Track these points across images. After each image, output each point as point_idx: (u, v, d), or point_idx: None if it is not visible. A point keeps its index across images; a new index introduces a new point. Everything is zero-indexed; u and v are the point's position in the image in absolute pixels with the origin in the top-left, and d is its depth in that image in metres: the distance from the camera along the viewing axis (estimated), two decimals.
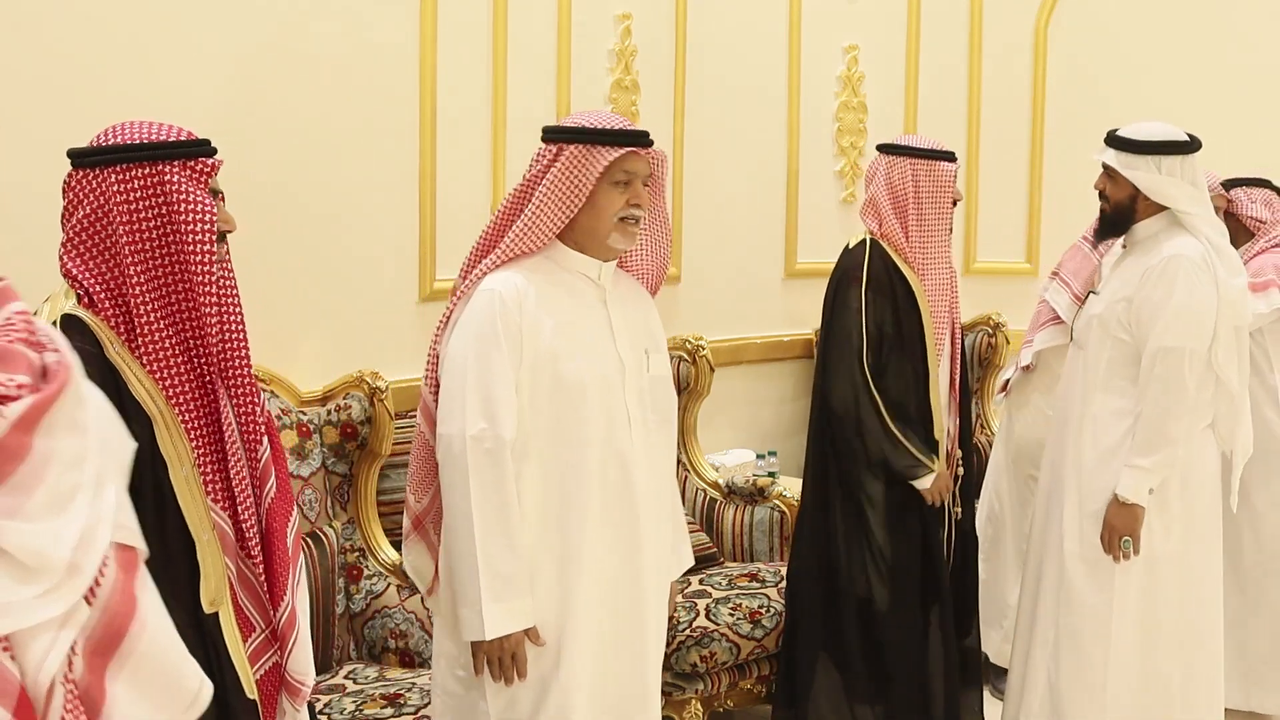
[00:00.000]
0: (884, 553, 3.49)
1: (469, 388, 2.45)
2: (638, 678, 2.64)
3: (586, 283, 2.61)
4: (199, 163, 1.97)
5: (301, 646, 2.07)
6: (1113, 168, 3.38)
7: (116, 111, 2.98)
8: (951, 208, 3.57)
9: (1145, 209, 3.39)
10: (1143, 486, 3.26)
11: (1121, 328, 3.34)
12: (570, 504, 2.52)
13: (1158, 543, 3.32)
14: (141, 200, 1.93)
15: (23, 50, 2.97)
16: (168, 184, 1.93)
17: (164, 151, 1.95)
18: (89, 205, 1.94)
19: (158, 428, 1.91)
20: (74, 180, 1.97)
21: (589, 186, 2.52)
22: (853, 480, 3.51)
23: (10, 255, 2.51)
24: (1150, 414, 3.24)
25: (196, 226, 1.93)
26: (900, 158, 3.51)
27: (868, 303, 3.46)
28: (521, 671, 2.47)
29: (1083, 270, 4.00)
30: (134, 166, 1.93)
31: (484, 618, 2.41)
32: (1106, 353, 3.37)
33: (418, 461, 2.62)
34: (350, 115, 3.58)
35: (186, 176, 1.95)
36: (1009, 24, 5.56)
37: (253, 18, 3.37)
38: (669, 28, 4.43)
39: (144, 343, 1.93)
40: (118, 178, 1.93)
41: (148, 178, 1.93)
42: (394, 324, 3.70)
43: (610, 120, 2.59)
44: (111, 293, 1.94)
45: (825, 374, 3.54)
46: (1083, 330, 3.48)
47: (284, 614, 2.04)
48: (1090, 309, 3.47)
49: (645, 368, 2.64)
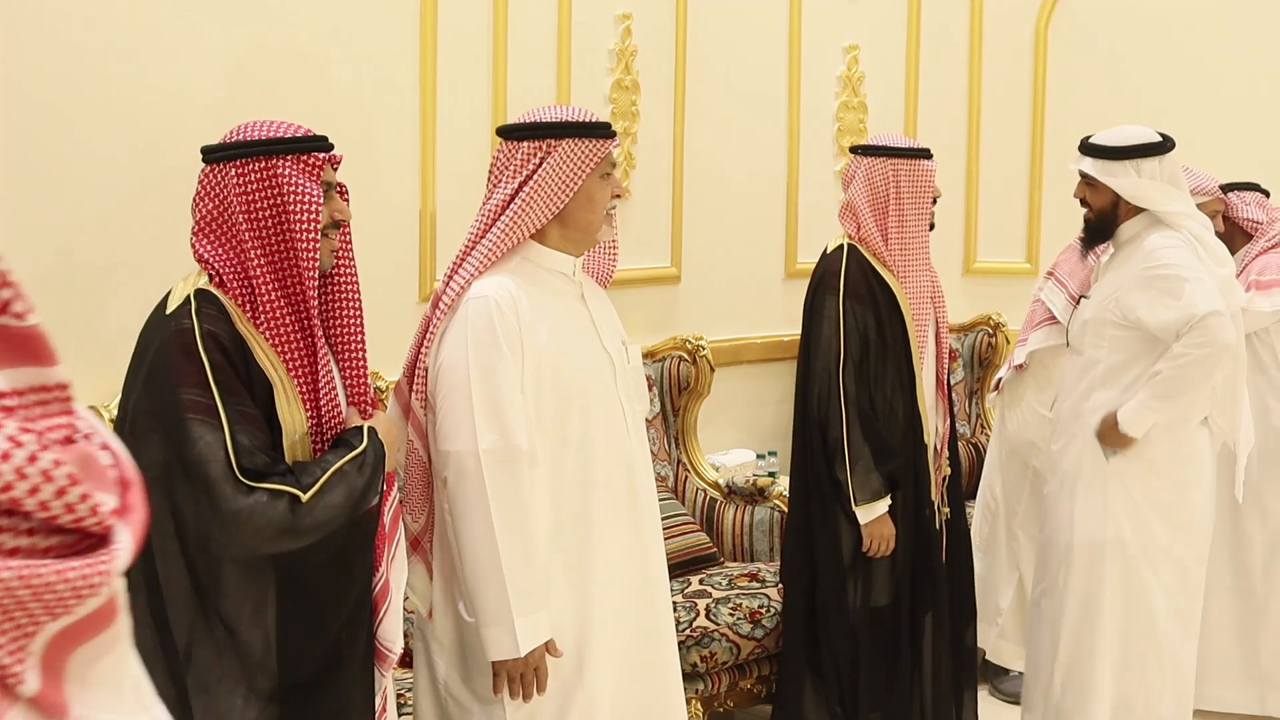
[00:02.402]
0: (854, 560, 3.47)
1: (475, 401, 2.37)
2: (659, 676, 2.62)
3: (564, 280, 2.58)
4: (311, 157, 2.12)
5: (393, 615, 2.21)
6: (1092, 176, 3.43)
7: (106, 104, 2.98)
8: (931, 205, 3.54)
9: (1127, 211, 3.43)
10: (1146, 423, 3.30)
11: (1115, 324, 3.37)
12: (581, 507, 2.49)
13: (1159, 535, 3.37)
14: (257, 191, 2.09)
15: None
16: (279, 176, 2.09)
17: (277, 147, 2.11)
18: (213, 197, 2.12)
19: (277, 394, 2.08)
20: (202, 175, 2.14)
21: (581, 180, 2.50)
22: (830, 486, 3.48)
23: None
24: (1179, 366, 3.23)
25: (303, 215, 2.09)
26: (880, 158, 3.47)
27: (847, 312, 3.40)
28: (542, 686, 2.41)
29: (1079, 271, 3.99)
30: (250, 161, 2.10)
31: (516, 633, 2.35)
32: (1104, 353, 3.40)
33: (412, 479, 2.51)
34: (350, 115, 3.57)
35: (298, 170, 2.11)
36: (1009, 24, 5.57)
37: (253, 17, 3.37)
38: (669, 28, 4.43)
39: (265, 318, 2.09)
40: (237, 171, 2.10)
41: (262, 171, 2.10)
42: (394, 324, 3.69)
43: (583, 113, 2.57)
44: (236, 273, 2.10)
45: (804, 381, 3.52)
46: (1078, 335, 3.52)
47: (379, 583, 2.18)
48: (1082, 314, 3.52)
49: (626, 360, 2.63)
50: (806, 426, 3.52)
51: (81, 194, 3.09)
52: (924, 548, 3.51)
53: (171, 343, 2.02)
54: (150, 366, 2.04)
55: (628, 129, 4.29)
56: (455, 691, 2.51)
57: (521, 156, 2.50)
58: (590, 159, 2.50)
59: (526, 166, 2.49)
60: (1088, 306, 3.49)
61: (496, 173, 2.54)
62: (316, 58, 3.52)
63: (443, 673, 2.52)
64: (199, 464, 1.96)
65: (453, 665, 2.51)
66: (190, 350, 2.00)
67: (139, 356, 2.10)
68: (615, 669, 2.53)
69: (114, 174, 3.14)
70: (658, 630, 2.62)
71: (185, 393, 1.98)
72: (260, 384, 2.06)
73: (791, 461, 3.63)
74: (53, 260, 3.03)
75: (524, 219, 2.49)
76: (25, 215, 3.00)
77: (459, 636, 2.49)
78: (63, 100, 3.05)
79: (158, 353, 2.04)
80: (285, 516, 1.98)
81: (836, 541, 3.46)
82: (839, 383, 3.39)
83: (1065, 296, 4.01)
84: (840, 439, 3.38)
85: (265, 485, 1.98)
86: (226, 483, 1.95)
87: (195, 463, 1.96)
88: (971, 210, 5.53)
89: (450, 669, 2.51)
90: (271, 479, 2.00)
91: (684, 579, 3.88)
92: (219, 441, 1.96)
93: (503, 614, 2.35)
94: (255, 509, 1.96)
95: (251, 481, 1.97)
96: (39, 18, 3.01)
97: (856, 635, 3.46)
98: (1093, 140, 3.46)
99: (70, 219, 3.07)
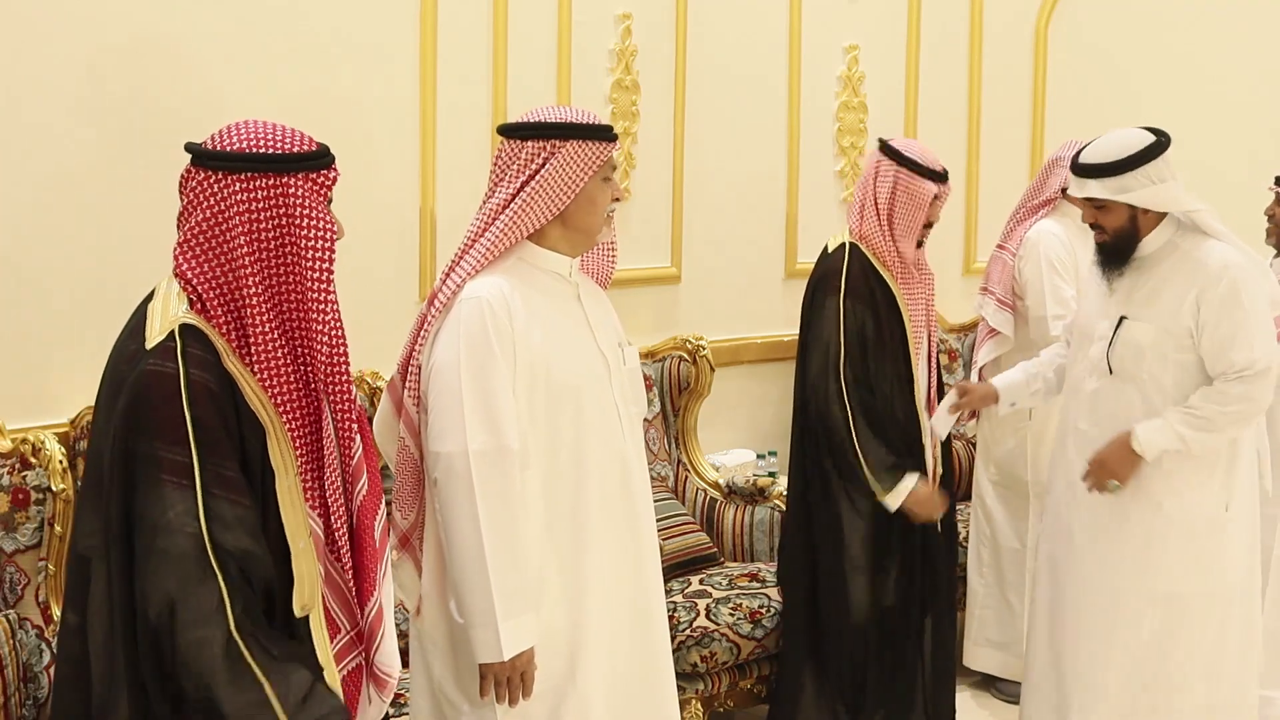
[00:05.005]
0: (861, 560, 3.47)
1: (466, 401, 2.37)
2: (653, 677, 2.62)
3: (560, 281, 2.57)
4: (321, 175, 1.95)
5: (388, 640, 2.08)
6: (1104, 199, 3.19)
7: (108, 104, 2.98)
8: (925, 228, 3.52)
9: (1149, 223, 3.23)
10: (1162, 449, 3.17)
11: (1182, 348, 3.18)
12: (574, 508, 2.49)
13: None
14: (264, 211, 1.90)
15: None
16: (290, 196, 1.91)
17: (291, 165, 1.92)
18: (209, 209, 1.91)
19: (270, 437, 1.91)
20: (195, 180, 1.93)
21: (584, 183, 2.50)
22: (831, 488, 3.48)
23: None
24: (1224, 413, 3.13)
25: (317, 243, 1.92)
26: (889, 160, 3.49)
27: (847, 311, 3.41)
28: (528, 690, 2.41)
29: (1004, 277, 4.20)
30: (259, 176, 1.90)
31: (500, 637, 2.34)
32: (1170, 379, 3.20)
33: (402, 476, 2.51)
34: (350, 115, 3.58)
35: (309, 189, 1.93)
36: (1009, 24, 5.57)
37: (253, 17, 3.37)
38: (669, 28, 4.43)
39: (257, 352, 1.91)
40: (242, 185, 1.90)
41: (272, 189, 1.91)
42: (394, 324, 3.68)
43: (588, 115, 2.56)
44: (225, 298, 1.92)
45: (803, 381, 3.52)
46: (1127, 360, 3.24)
47: (372, 610, 2.05)
48: (1131, 336, 3.22)
49: (623, 361, 2.63)
50: (805, 426, 3.52)
51: (81, 192, 3.10)
52: (928, 547, 3.53)
53: (152, 390, 1.85)
54: (127, 412, 1.86)
55: (628, 129, 4.30)
56: (448, 691, 2.51)
57: (525, 156, 2.49)
58: (594, 162, 2.50)
59: (529, 166, 2.48)
60: (1140, 330, 3.21)
61: (499, 171, 2.53)
62: (317, 58, 3.52)
63: (437, 672, 2.52)
64: (167, 532, 1.81)
65: (446, 665, 2.50)
66: (172, 401, 1.84)
67: (111, 390, 1.91)
68: (608, 671, 2.53)
69: (114, 172, 3.14)
70: (651, 631, 2.62)
71: (163, 450, 1.83)
72: (251, 426, 1.90)
73: (790, 462, 3.63)
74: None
75: (524, 219, 2.48)
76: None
77: (451, 637, 2.49)
78: (61, 96, 3.06)
79: (136, 398, 1.86)
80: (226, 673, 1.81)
81: (840, 541, 3.47)
82: (840, 379, 3.39)
83: (994, 302, 4.24)
84: (848, 435, 3.38)
85: (249, 657, 1.82)
86: (192, 561, 1.81)
87: (163, 530, 1.82)
88: (971, 210, 5.53)
89: (444, 669, 2.51)
90: (257, 654, 1.83)
91: (684, 579, 3.88)
92: (191, 511, 1.81)
93: (488, 616, 2.35)
94: (210, 642, 1.80)
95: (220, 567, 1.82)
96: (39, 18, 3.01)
97: (865, 635, 3.46)
98: (1088, 160, 3.21)
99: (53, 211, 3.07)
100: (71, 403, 3.01)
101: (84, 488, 1.98)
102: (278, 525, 1.93)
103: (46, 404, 3.03)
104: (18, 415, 2.97)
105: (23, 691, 2.73)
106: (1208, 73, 5.52)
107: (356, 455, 2.04)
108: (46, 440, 2.89)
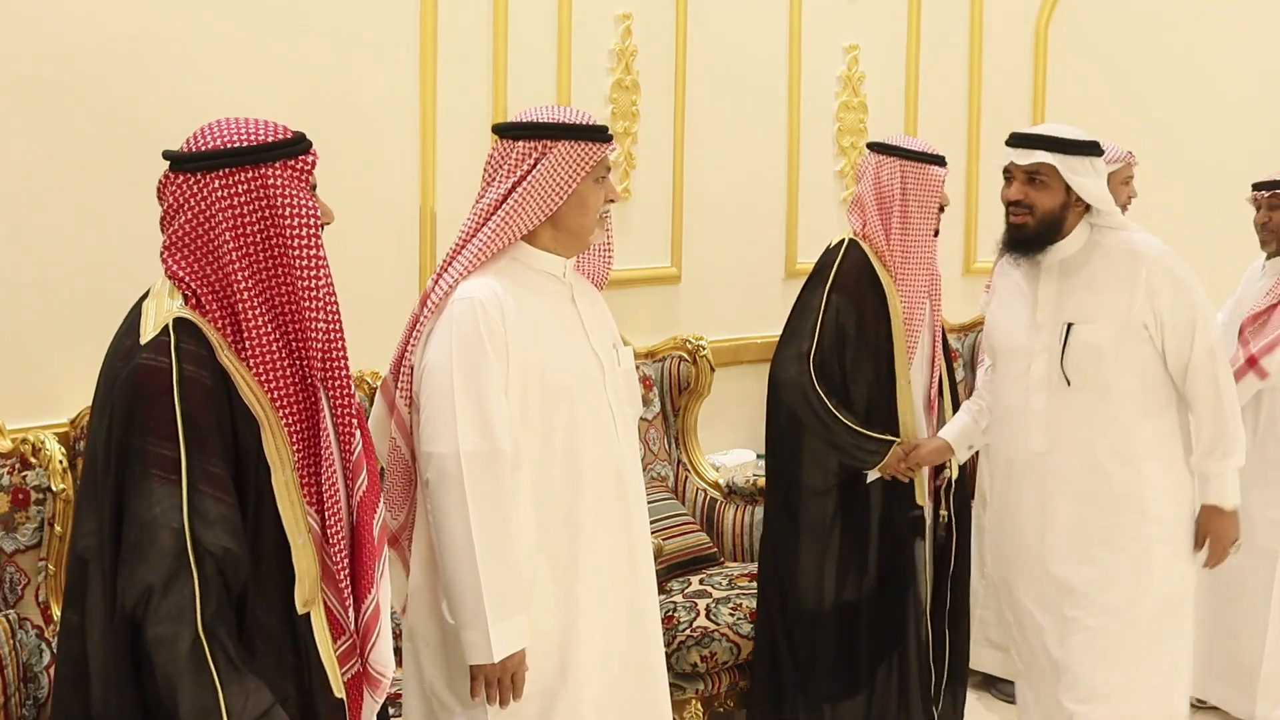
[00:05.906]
0: (825, 557, 3.44)
1: (458, 403, 2.36)
2: (646, 679, 2.62)
3: (554, 281, 2.57)
4: (299, 161, 1.95)
5: (383, 639, 2.07)
6: (1050, 166, 3.05)
7: (106, 104, 2.98)
8: (939, 213, 3.49)
9: (1071, 220, 3.12)
10: (1237, 485, 3.12)
11: (1141, 342, 3.09)
12: (568, 509, 2.48)
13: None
14: (246, 205, 1.90)
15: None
16: (270, 187, 1.91)
17: (266, 154, 1.91)
18: (191, 210, 1.91)
19: (264, 432, 1.91)
20: (174, 185, 1.94)
21: (576, 184, 2.49)
22: (792, 485, 3.47)
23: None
24: (1219, 413, 3.09)
25: (302, 230, 1.92)
26: (890, 158, 3.46)
27: (829, 303, 3.39)
28: (518, 692, 2.41)
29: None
30: (237, 170, 1.90)
31: (490, 639, 2.34)
32: (1135, 381, 3.12)
33: (394, 476, 2.50)
34: (350, 115, 3.58)
35: (288, 177, 1.93)
36: (1009, 24, 5.57)
37: (253, 17, 3.37)
38: (669, 28, 4.43)
39: (251, 346, 1.91)
40: (221, 182, 1.90)
41: (251, 181, 1.91)
42: (393, 323, 3.67)
43: (581, 115, 2.54)
44: (217, 295, 1.92)
45: (775, 367, 3.50)
46: (1086, 367, 3.11)
47: (369, 608, 2.05)
48: (1086, 340, 3.10)
49: (617, 362, 2.62)
50: (776, 416, 3.50)
51: (79, 190, 3.10)
52: (899, 548, 3.46)
53: (144, 385, 1.85)
54: (120, 407, 1.86)
55: (628, 129, 4.30)
56: (440, 692, 2.51)
57: (517, 156, 2.49)
58: (586, 163, 2.49)
59: (521, 167, 2.48)
60: (1090, 331, 3.09)
61: (491, 171, 2.52)
62: (317, 58, 3.52)
63: (429, 673, 2.52)
64: (151, 526, 1.81)
65: (437, 666, 2.50)
66: (164, 396, 1.83)
67: (106, 386, 1.92)
68: (601, 672, 2.52)
69: (112, 171, 3.14)
70: (645, 633, 2.62)
71: (153, 445, 1.82)
72: (246, 421, 1.89)
73: (765, 461, 3.63)
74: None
75: (515, 220, 2.48)
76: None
77: (442, 638, 2.49)
78: (59, 93, 3.06)
79: (129, 393, 1.86)
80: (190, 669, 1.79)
81: (794, 536, 3.45)
82: (808, 363, 3.37)
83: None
84: (816, 419, 3.37)
85: (210, 661, 1.80)
86: (172, 556, 1.80)
87: (148, 524, 1.82)
88: (971, 210, 5.53)
89: (435, 670, 2.51)
90: (219, 661, 1.81)
91: (684, 579, 3.88)
92: (176, 507, 1.81)
93: (479, 618, 2.35)
94: (177, 639, 1.79)
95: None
96: (39, 16, 3.02)
97: (815, 628, 3.43)
98: (1043, 132, 3.08)
99: (58, 216, 3.08)
100: (71, 403, 3.01)
101: (82, 488, 1.98)
102: (275, 520, 1.92)
103: (46, 404, 3.03)
104: (18, 415, 2.97)
105: (23, 691, 2.73)
106: (1208, 73, 5.53)
107: (356, 450, 2.03)
108: (46, 440, 2.89)
